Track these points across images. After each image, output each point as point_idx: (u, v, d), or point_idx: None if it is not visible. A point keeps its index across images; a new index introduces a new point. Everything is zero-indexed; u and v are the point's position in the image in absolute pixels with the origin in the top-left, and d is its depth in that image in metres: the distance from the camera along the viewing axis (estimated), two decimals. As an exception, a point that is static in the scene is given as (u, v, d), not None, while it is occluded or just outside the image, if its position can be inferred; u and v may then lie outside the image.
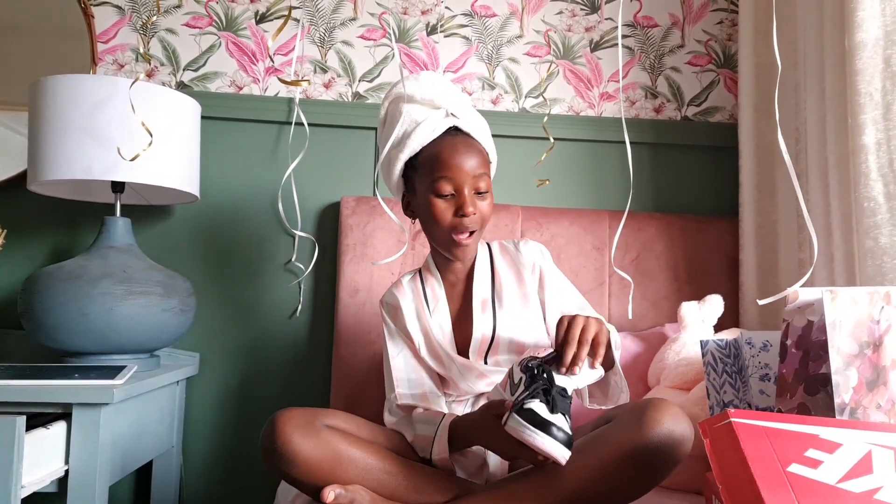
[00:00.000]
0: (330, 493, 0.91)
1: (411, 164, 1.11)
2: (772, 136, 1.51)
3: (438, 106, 1.11)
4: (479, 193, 1.09)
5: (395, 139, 1.13)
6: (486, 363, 1.12)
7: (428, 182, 1.08)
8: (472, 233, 1.09)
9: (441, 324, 1.15)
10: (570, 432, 0.84)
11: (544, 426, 0.82)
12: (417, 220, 1.16)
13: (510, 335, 1.12)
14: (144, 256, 1.44)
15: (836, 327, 0.82)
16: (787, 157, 1.31)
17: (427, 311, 1.15)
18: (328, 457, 0.92)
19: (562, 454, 0.83)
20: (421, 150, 1.09)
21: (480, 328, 1.12)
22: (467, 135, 1.10)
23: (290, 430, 0.91)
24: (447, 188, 1.07)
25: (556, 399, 0.85)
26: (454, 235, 1.08)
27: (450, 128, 1.09)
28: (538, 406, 0.84)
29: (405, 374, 1.15)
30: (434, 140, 1.09)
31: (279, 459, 0.92)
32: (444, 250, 1.14)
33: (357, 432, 1.01)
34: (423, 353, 1.14)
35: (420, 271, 1.21)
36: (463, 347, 1.14)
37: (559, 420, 0.83)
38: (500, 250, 1.19)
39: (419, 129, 1.09)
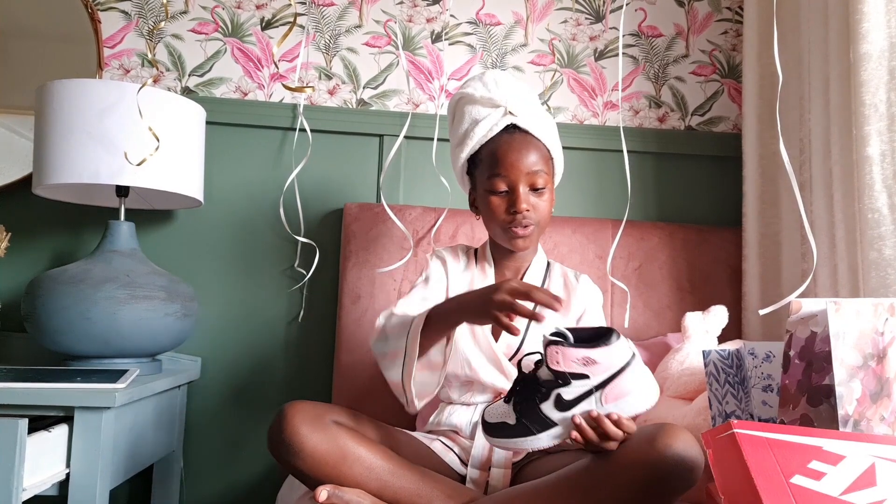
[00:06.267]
0: (322, 493, 0.90)
1: (474, 161, 1.17)
2: (775, 147, 1.51)
3: (498, 104, 1.14)
4: (536, 190, 1.12)
5: (457, 138, 1.19)
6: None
7: (484, 179, 1.14)
8: (528, 226, 1.12)
9: None
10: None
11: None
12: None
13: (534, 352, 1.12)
14: (148, 261, 1.44)
15: (839, 338, 0.82)
16: (789, 167, 1.32)
17: (475, 283, 1.18)
18: (334, 452, 0.92)
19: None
20: (481, 148, 1.15)
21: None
22: (526, 132, 1.13)
23: (299, 421, 0.92)
24: (501, 185, 1.12)
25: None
26: (511, 229, 1.12)
27: (508, 125, 1.13)
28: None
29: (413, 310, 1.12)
30: (492, 138, 1.13)
31: (285, 450, 0.92)
32: (503, 242, 1.17)
33: (364, 431, 1.01)
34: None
35: (476, 251, 1.25)
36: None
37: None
38: (559, 272, 1.23)
39: (478, 127, 1.14)
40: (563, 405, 0.87)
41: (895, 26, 1.19)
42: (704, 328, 1.39)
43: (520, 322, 1.12)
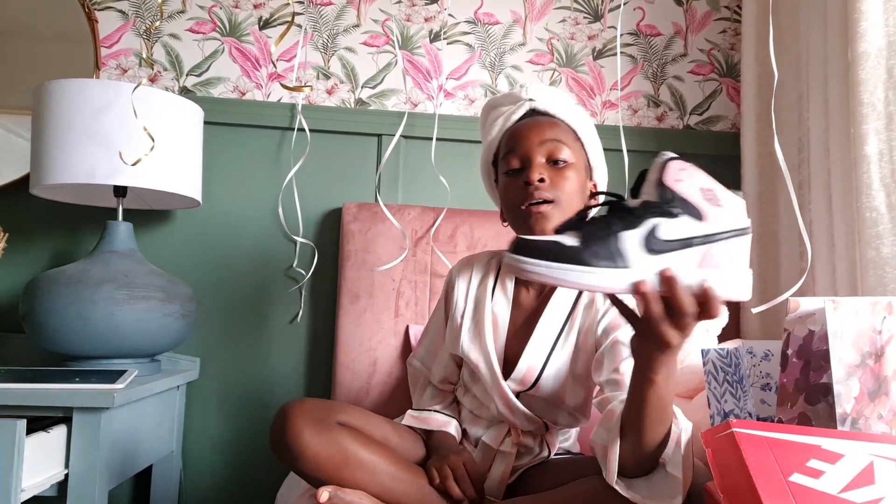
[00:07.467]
0: (324, 493, 0.89)
1: (497, 163, 1.08)
2: (773, 146, 1.51)
3: (520, 98, 1.06)
4: (556, 163, 0.99)
5: (485, 143, 1.11)
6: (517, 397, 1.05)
7: (502, 166, 1.03)
8: (547, 202, 0.97)
9: (497, 314, 1.08)
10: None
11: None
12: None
13: (553, 382, 1.03)
14: (146, 261, 1.44)
15: (837, 337, 0.82)
16: (784, 166, 1.32)
17: (489, 299, 1.09)
18: (336, 456, 0.90)
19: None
20: (501, 140, 1.06)
21: (529, 359, 1.03)
22: (547, 114, 1.04)
23: (301, 425, 0.90)
24: (515, 162, 1.01)
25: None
26: (526, 208, 0.98)
27: (528, 111, 1.05)
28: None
29: (431, 358, 1.23)
30: (512, 124, 1.05)
31: (287, 453, 0.90)
32: (522, 231, 1.00)
33: (369, 430, 0.99)
34: (465, 333, 1.09)
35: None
36: (505, 370, 1.06)
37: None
38: None
39: (499, 119, 1.07)
40: (652, 245, 0.65)
41: (893, 25, 1.19)
42: (704, 327, 1.39)
43: (541, 352, 1.04)
